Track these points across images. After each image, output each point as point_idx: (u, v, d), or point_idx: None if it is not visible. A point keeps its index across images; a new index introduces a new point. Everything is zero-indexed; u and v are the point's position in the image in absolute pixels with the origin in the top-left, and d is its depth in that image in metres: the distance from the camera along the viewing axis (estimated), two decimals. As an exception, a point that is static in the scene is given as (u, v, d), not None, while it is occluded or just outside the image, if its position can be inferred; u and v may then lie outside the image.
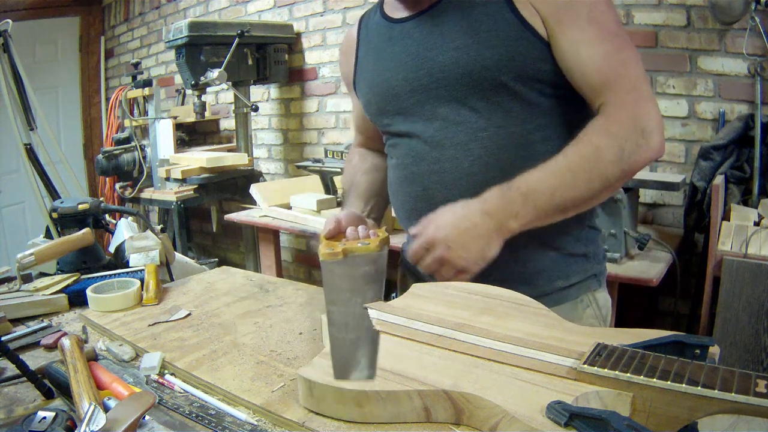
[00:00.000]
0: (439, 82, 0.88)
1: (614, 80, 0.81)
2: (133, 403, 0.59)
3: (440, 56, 0.87)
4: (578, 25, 0.82)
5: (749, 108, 1.79)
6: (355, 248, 0.87)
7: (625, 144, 0.78)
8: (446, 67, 0.86)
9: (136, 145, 3.11)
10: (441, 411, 0.57)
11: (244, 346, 0.80)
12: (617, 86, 0.81)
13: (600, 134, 0.80)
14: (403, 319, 0.71)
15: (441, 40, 0.87)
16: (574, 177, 0.78)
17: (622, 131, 0.79)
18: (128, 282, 1.02)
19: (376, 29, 1.00)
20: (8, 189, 3.86)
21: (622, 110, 0.80)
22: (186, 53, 2.55)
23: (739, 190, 1.79)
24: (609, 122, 0.80)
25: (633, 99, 0.80)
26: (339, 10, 2.85)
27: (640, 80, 0.82)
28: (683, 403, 0.51)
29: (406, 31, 0.92)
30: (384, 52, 0.95)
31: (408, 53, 0.91)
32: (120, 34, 4.32)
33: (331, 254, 0.85)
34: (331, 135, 3.01)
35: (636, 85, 0.82)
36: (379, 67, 0.96)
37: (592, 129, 0.80)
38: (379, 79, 0.96)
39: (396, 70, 0.92)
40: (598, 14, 0.83)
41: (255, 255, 2.92)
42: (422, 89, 0.89)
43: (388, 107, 0.95)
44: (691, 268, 1.90)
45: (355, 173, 1.12)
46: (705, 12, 1.82)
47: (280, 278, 1.30)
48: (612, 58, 0.82)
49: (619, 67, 0.82)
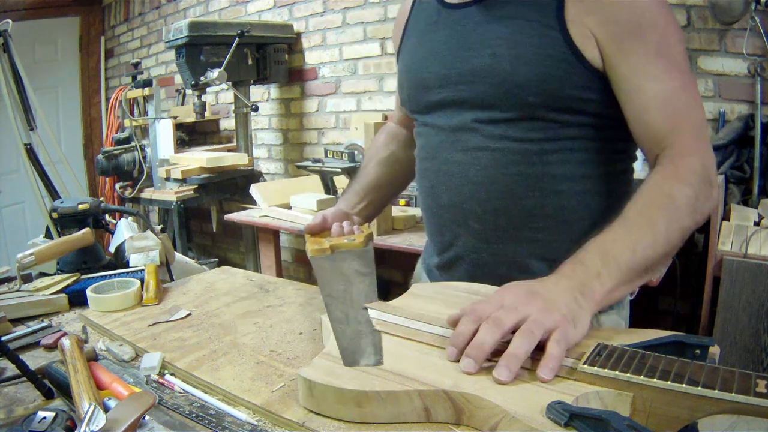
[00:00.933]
0: (467, 85, 0.85)
1: (681, 123, 0.76)
2: (133, 403, 0.59)
3: (475, 59, 0.83)
4: (645, 56, 0.75)
5: (749, 108, 1.79)
6: (341, 244, 0.88)
7: (699, 193, 0.73)
8: (478, 72, 0.83)
9: (136, 145, 3.11)
10: (441, 411, 0.57)
11: (244, 346, 0.80)
12: (684, 130, 0.76)
13: (672, 182, 0.73)
14: (403, 319, 0.71)
15: (480, 42, 0.84)
16: (654, 234, 0.69)
17: (694, 180, 0.73)
18: (128, 282, 1.02)
19: (427, 9, 0.95)
20: (8, 189, 3.86)
21: (693, 157, 0.75)
22: (186, 53, 2.55)
23: (739, 190, 1.79)
24: (680, 169, 0.74)
25: (700, 146, 0.76)
26: (339, 10, 2.85)
27: (704, 125, 0.78)
28: (683, 403, 0.51)
29: (451, 22, 0.89)
30: (426, 37, 0.93)
31: (446, 47, 0.88)
32: (120, 34, 4.32)
33: (319, 250, 0.86)
34: (331, 135, 3.01)
35: (701, 131, 0.77)
36: (417, 52, 0.94)
37: (661, 176, 0.74)
38: (415, 65, 0.94)
39: (431, 60, 0.90)
40: (668, 47, 0.76)
41: (255, 255, 2.92)
42: (450, 88, 0.87)
43: (417, 96, 0.94)
44: (691, 268, 1.89)
45: (370, 160, 1.11)
46: (705, 12, 1.82)
47: (280, 278, 1.30)
48: (680, 98, 0.76)
49: (687, 110, 0.76)
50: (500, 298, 0.63)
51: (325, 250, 0.86)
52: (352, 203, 1.05)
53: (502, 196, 0.85)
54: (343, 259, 0.86)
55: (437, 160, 0.90)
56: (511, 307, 0.61)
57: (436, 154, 0.90)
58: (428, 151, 0.93)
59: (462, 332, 0.60)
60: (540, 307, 0.60)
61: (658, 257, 0.70)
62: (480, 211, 0.87)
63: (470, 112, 0.85)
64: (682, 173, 0.74)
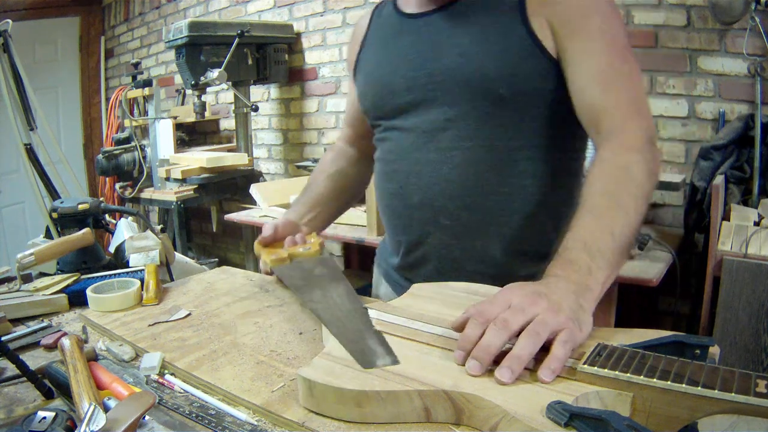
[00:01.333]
0: (437, 85, 0.87)
1: (618, 96, 0.79)
2: (133, 403, 0.58)
3: (444, 59, 0.86)
4: (588, 36, 0.81)
5: (749, 108, 1.79)
6: (297, 253, 0.89)
7: (648, 156, 0.76)
8: (447, 71, 0.85)
9: (136, 145, 3.11)
10: (441, 411, 0.57)
11: (244, 346, 0.80)
12: (622, 102, 0.79)
13: (622, 153, 0.76)
14: (403, 319, 0.71)
15: (448, 43, 0.86)
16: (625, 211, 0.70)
17: (641, 144, 0.77)
18: (128, 282, 1.02)
19: (387, 21, 0.99)
20: (8, 189, 3.86)
21: (632, 124, 0.78)
22: (186, 53, 2.55)
23: (739, 190, 1.79)
24: (625, 139, 0.77)
25: (639, 114, 0.80)
26: (339, 10, 2.85)
27: (642, 96, 0.82)
28: (683, 403, 0.51)
29: (415, 28, 0.91)
30: (389, 45, 0.95)
31: (413, 51, 0.90)
32: (120, 34, 4.32)
33: (278, 260, 0.88)
34: (331, 135, 3.01)
35: (639, 102, 0.81)
36: (381, 60, 0.96)
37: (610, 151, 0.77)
38: (379, 72, 0.95)
39: (397, 65, 0.92)
40: (610, 28, 0.82)
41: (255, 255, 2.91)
42: (419, 89, 0.89)
43: (382, 102, 0.95)
44: (691, 268, 1.90)
45: (319, 174, 1.14)
46: (705, 12, 1.82)
47: (280, 278, 1.30)
48: (616, 73, 0.80)
49: (624, 83, 0.80)
50: (506, 299, 0.62)
51: (284, 259, 0.88)
52: (301, 214, 1.07)
53: (473, 193, 0.87)
54: (305, 267, 0.86)
55: (408, 161, 0.91)
56: (518, 308, 0.60)
57: (406, 156, 0.92)
58: (397, 153, 0.94)
59: (470, 335, 0.60)
60: (546, 308, 0.60)
61: (634, 232, 0.71)
62: (452, 208, 0.88)
63: (441, 112, 0.87)
64: (628, 142, 0.76)
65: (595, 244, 0.67)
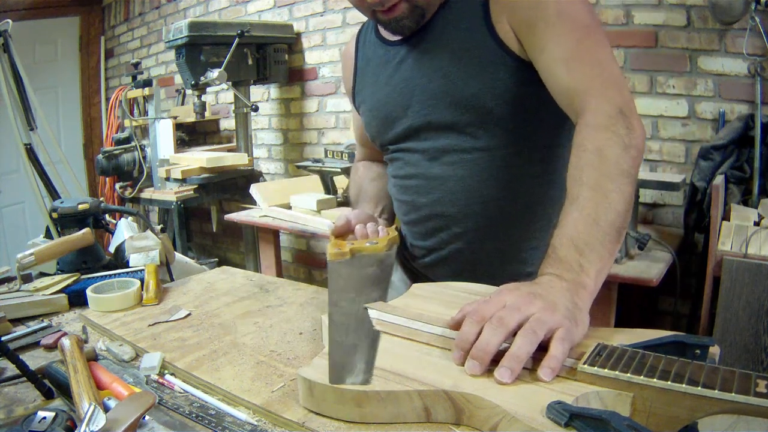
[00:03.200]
0: (430, 110, 0.91)
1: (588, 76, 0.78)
2: (133, 403, 0.59)
3: (430, 84, 0.89)
4: (547, 23, 0.80)
5: (749, 108, 1.79)
6: (362, 248, 0.88)
7: (618, 130, 0.73)
8: (436, 95, 0.89)
9: (136, 145, 3.11)
10: (441, 411, 0.57)
11: (244, 346, 0.80)
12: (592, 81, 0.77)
13: (591, 135, 0.74)
14: (403, 319, 0.71)
15: (430, 67, 0.89)
16: (603, 194, 0.69)
17: (607, 120, 0.74)
18: (128, 282, 1.02)
19: (372, 48, 1.02)
20: (8, 189, 3.86)
21: (599, 100, 0.75)
22: (186, 53, 2.55)
23: (739, 190, 1.79)
24: (591, 119, 0.75)
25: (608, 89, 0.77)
26: (339, 10, 2.85)
27: (613, 73, 0.79)
28: (683, 403, 0.51)
29: (399, 56, 0.95)
30: (381, 75, 0.98)
31: (401, 80, 0.94)
32: (120, 34, 4.32)
33: (339, 254, 0.85)
34: (331, 135, 3.01)
35: (611, 79, 0.78)
36: (377, 92, 0.99)
37: (579, 136, 0.75)
38: (376, 105, 0.99)
39: (391, 96, 0.95)
40: (569, 7, 0.80)
41: (255, 255, 2.92)
42: (415, 116, 0.93)
43: (385, 131, 0.99)
44: (691, 268, 1.90)
45: (363, 182, 1.15)
46: (705, 12, 1.82)
47: (280, 278, 1.30)
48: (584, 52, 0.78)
49: (592, 62, 0.78)
50: (502, 299, 0.62)
51: (345, 254, 0.86)
52: (371, 209, 1.07)
53: (478, 201, 0.92)
54: (362, 264, 0.85)
55: (417, 178, 0.96)
56: (513, 307, 0.60)
57: (415, 173, 0.97)
58: (406, 171, 0.98)
59: (466, 334, 0.60)
60: (542, 307, 0.60)
61: (622, 214, 0.69)
62: (460, 217, 0.93)
63: (440, 134, 0.92)
64: (594, 121, 0.74)
65: (582, 239, 0.66)
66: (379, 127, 1.01)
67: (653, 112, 1.98)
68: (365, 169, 1.18)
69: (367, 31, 1.05)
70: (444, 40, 0.88)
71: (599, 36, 0.80)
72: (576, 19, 0.80)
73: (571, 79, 0.78)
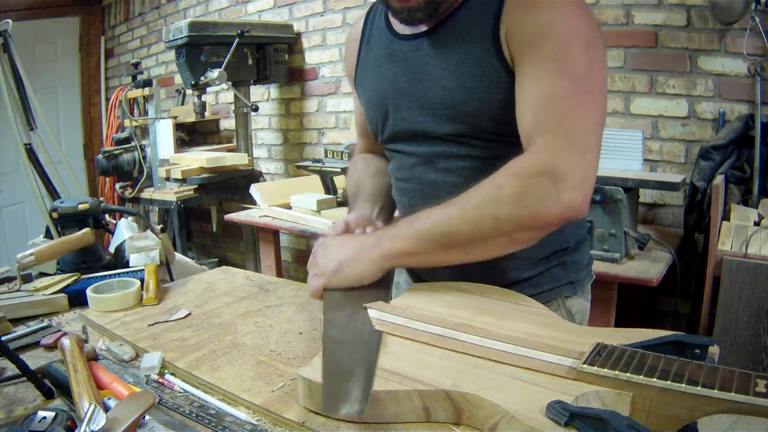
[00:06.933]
0: (427, 118, 0.90)
1: (547, 124, 0.75)
2: (133, 403, 0.59)
3: (430, 92, 0.89)
4: (535, 61, 0.77)
5: (749, 108, 1.79)
6: None
7: (529, 188, 0.73)
8: (435, 104, 0.89)
9: (136, 145, 3.11)
10: (441, 411, 0.57)
11: (244, 346, 0.80)
12: (547, 131, 0.75)
13: (506, 174, 0.75)
14: (403, 319, 0.71)
15: (432, 75, 0.89)
16: (462, 211, 0.77)
17: (530, 175, 0.74)
18: (128, 282, 1.02)
19: (378, 37, 0.99)
20: (8, 189, 3.86)
21: (540, 155, 0.74)
22: (186, 53, 2.55)
23: (739, 190, 1.79)
24: (521, 164, 0.75)
25: (558, 146, 0.74)
26: (339, 10, 2.85)
27: (580, 131, 0.75)
28: (683, 403, 0.51)
29: (405, 54, 0.93)
30: (383, 68, 0.97)
31: (403, 79, 0.93)
32: (120, 34, 4.32)
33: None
34: (331, 135, 3.01)
35: (570, 134, 0.75)
36: (377, 84, 0.98)
37: (502, 169, 0.76)
38: (375, 98, 0.99)
39: (392, 91, 0.95)
40: (565, 55, 0.76)
41: (255, 255, 2.92)
42: (413, 120, 0.93)
43: (383, 126, 0.99)
44: (691, 268, 1.90)
45: (361, 178, 1.13)
46: (705, 12, 1.82)
47: (280, 278, 1.30)
48: (558, 102, 0.75)
49: (560, 113, 0.75)
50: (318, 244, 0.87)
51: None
52: (369, 210, 1.04)
53: None
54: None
55: (412, 181, 0.97)
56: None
57: (410, 176, 0.97)
58: (402, 173, 0.99)
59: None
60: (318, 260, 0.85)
61: (462, 233, 0.77)
62: None
63: (434, 141, 0.92)
64: (518, 168, 0.76)
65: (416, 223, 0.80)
66: (377, 122, 1.00)
67: (653, 112, 1.98)
68: (364, 164, 1.17)
69: (376, 13, 1.02)
70: (449, 50, 0.87)
71: (588, 94, 0.77)
72: (569, 69, 0.76)
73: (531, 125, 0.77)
